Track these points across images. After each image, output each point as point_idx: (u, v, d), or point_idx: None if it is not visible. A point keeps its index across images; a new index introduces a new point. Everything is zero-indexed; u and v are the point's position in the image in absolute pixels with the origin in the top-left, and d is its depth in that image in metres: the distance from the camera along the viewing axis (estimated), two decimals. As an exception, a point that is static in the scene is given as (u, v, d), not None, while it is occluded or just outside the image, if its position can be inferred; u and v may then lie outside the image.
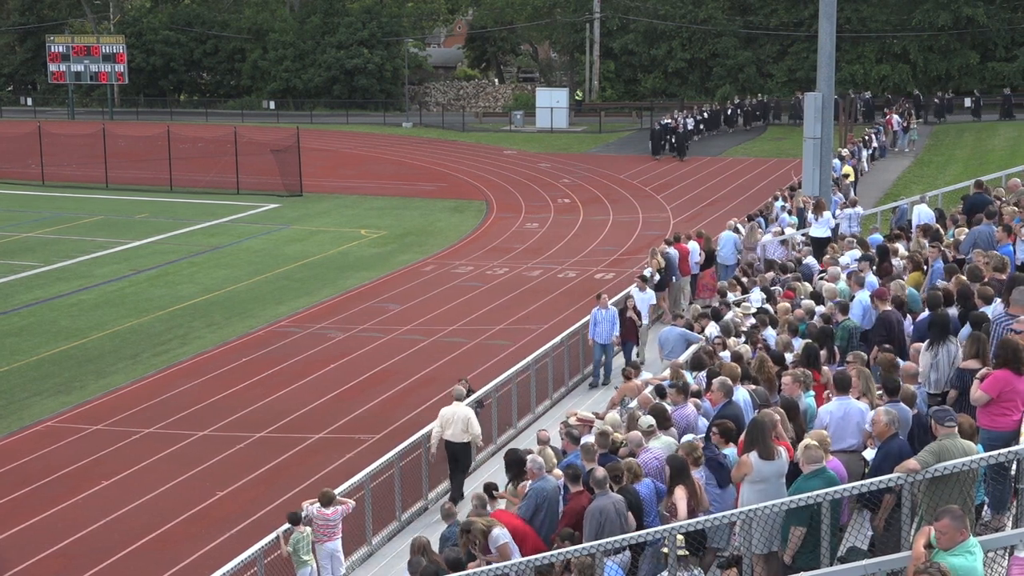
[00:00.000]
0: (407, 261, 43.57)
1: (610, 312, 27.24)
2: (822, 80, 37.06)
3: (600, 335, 27.24)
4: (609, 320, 27.17)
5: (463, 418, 21.17)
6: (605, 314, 27.17)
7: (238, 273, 42.22)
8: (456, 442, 21.12)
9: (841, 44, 69.24)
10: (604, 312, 27.19)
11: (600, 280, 39.43)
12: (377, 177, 64.37)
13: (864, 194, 46.27)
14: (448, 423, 21.09)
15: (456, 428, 21.05)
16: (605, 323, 27.17)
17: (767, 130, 78.18)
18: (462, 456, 21.41)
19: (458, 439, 21.11)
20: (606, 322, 27.17)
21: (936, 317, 15.93)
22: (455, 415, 21.16)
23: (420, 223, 51.03)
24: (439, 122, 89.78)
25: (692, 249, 32.52)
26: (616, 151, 72.34)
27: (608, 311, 27.20)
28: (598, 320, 27.26)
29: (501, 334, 33.43)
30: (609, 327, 27.17)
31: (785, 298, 23.42)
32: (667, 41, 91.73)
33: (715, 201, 53.69)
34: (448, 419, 21.14)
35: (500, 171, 65.44)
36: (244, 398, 28.76)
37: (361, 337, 33.73)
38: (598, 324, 27.24)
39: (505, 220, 51.28)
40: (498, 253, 44.49)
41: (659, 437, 15.49)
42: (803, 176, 38.20)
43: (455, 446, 21.15)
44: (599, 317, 27.25)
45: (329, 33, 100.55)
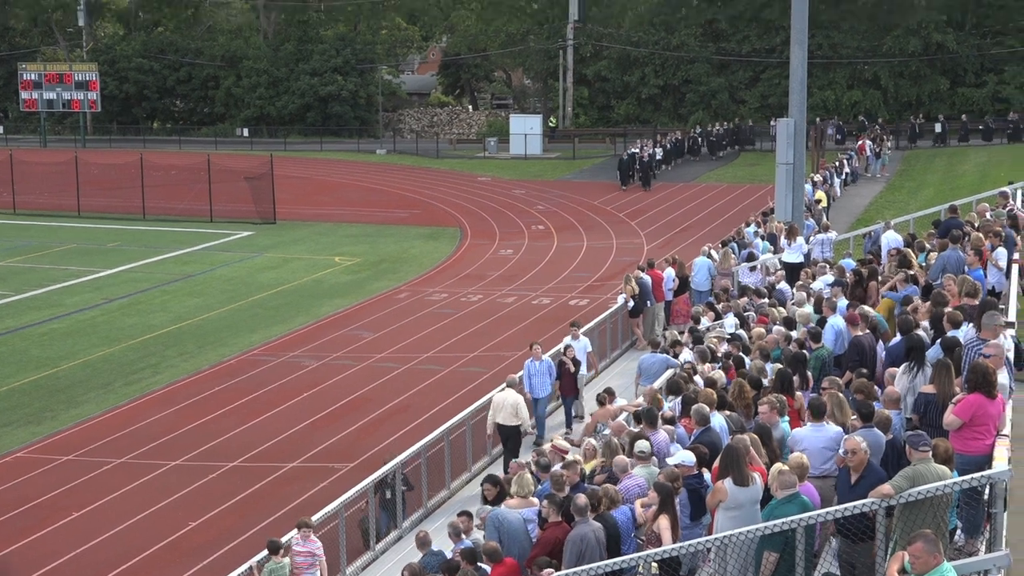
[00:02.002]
0: (381, 288, 43.49)
1: (544, 363, 24.91)
2: (794, 106, 37.28)
3: (535, 389, 24.68)
4: (544, 372, 24.85)
5: (512, 403, 22.80)
6: (539, 366, 24.74)
7: (211, 301, 42.05)
8: (508, 425, 22.81)
9: (813, 70, 69.75)
10: (538, 364, 24.76)
11: (575, 307, 39.44)
12: (351, 204, 64.31)
13: (837, 219, 46.49)
14: (499, 408, 22.82)
15: (506, 412, 22.76)
16: (540, 375, 24.72)
17: (740, 156, 78.55)
18: (512, 440, 22.94)
19: (509, 422, 22.79)
20: (540, 374, 24.74)
21: (913, 342, 15.95)
22: (505, 401, 22.83)
23: (394, 250, 50.97)
24: (413, 149, 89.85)
25: (666, 275, 32.57)
26: (590, 177, 72.50)
27: (543, 362, 24.86)
28: (531, 372, 24.77)
29: (476, 361, 33.37)
30: (544, 380, 24.82)
31: (759, 324, 23.46)
32: (640, 68, 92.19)
33: (689, 227, 53.84)
34: (499, 405, 22.85)
35: (474, 198, 65.49)
36: (217, 427, 28.59)
37: (335, 365, 33.61)
38: (532, 377, 24.72)
39: (479, 247, 51.28)
40: (472, 280, 44.47)
41: (646, 465, 15.46)
42: (776, 202, 38.38)
43: (507, 429, 22.83)
44: (532, 369, 24.76)
45: (303, 60, 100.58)
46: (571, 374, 25.50)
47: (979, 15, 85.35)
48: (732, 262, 33.24)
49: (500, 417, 22.84)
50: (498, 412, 22.89)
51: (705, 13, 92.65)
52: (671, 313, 32.87)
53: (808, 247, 33.77)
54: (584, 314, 36.97)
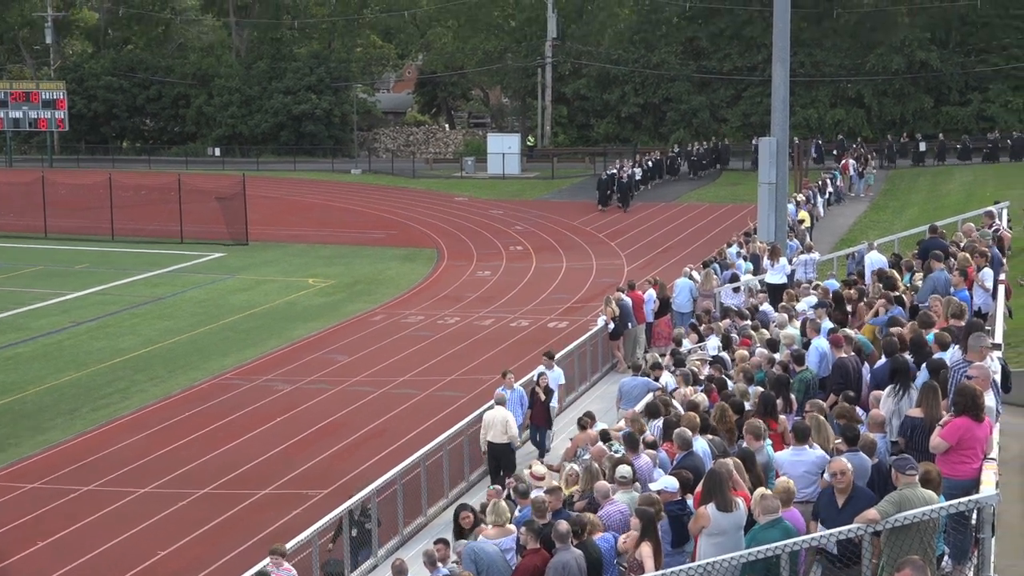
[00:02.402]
0: (356, 311, 43.42)
1: (516, 393, 24.65)
2: (776, 125, 37.44)
3: None
4: (515, 401, 24.59)
5: (502, 420, 23.12)
6: (511, 395, 24.39)
7: (181, 324, 41.90)
8: (497, 443, 23.09)
9: (795, 88, 70.08)
10: (510, 393, 24.37)
11: (554, 329, 39.44)
12: (325, 225, 64.25)
13: (820, 239, 46.66)
14: (490, 426, 23.18)
15: (496, 430, 23.09)
16: (511, 405, 24.29)
17: (721, 175, 78.81)
18: (503, 457, 23.19)
19: (499, 440, 23.08)
20: (512, 404, 24.36)
21: (898, 364, 15.99)
22: (495, 418, 23.18)
23: (369, 272, 50.91)
24: (389, 168, 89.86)
25: (647, 297, 32.61)
26: (569, 197, 72.63)
27: (515, 391, 24.60)
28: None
29: (453, 385, 33.32)
30: (515, 409, 24.44)
31: (742, 346, 23.49)
32: (620, 86, 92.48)
33: (670, 248, 53.95)
34: (489, 422, 23.22)
35: (451, 218, 65.51)
36: (187, 453, 28.45)
37: (309, 389, 33.51)
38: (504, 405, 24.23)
39: (456, 268, 51.27)
40: (449, 302, 44.44)
41: (628, 491, 15.42)
42: (758, 222, 38.51)
43: (497, 447, 23.11)
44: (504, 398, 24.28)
45: (276, 78, 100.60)
46: (543, 404, 25.11)
47: (963, 33, 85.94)
48: (714, 283, 33.31)
49: (491, 435, 23.20)
50: (489, 429, 23.25)
51: (686, 31, 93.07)
52: (652, 335, 32.88)
53: (791, 268, 33.87)
54: (563, 336, 36.98)
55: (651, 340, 32.87)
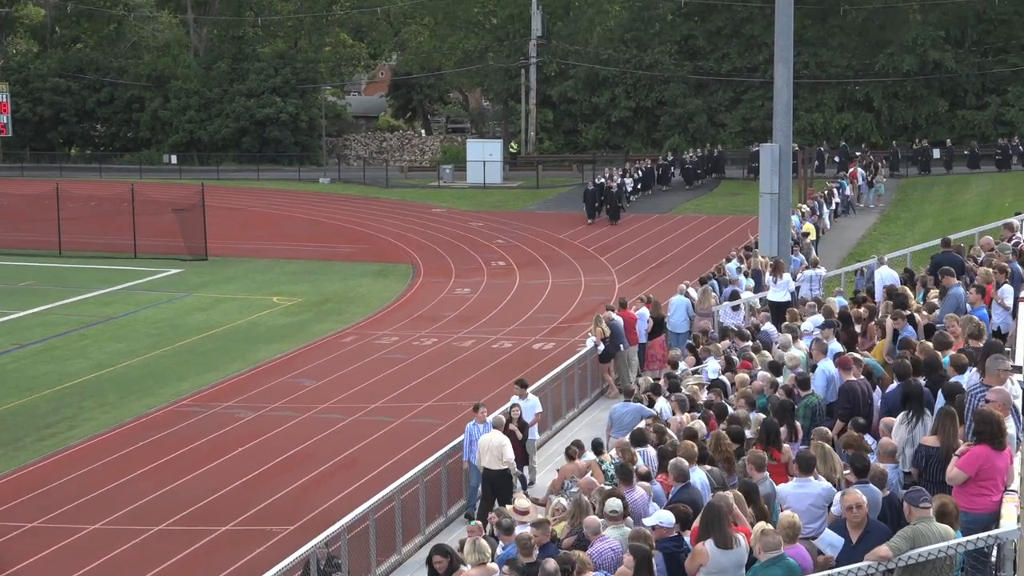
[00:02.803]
0: (325, 331, 43.36)
1: (489, 427, 24.47)
2: (779, 130, 37.54)
3: (477, 456, 24.29)
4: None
5: (497, 445, 23.48)
6: (483, 429, 24.36)
7: (135, 346, 41.78)
8: (493, 469, 23.42)
9: (799, 91, 70.45)
10: (481, 427, 24.42)
11: (539, 350, 39.43)
12: (291, 238, 64.19)
13: (826, 254, 46.78)
14: (484, 451, 23.53)
15: (491, 456, 23.40)
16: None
17: (720, 184, 79.00)
18: (500, 484, 23.49)
19: (494, 466, 23.42)
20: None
21: (911, 389, 16.00)
22: (490, 443, 23.51)
23: (339, 289, 50.87)
24: (360, 177, 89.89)
25: (640, 316, 32.65)
26: (555, 208, 72.70)
27: (487, 425, 24.48)
28: (474, 437, 24.41)
29: (430, 411, 33.27)
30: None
31: (742, 368, 23.53)
32: (610, 88, 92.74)
33: (664, 263, 54.03)
34: (483, 447, 23.58)
35: (428, 231, 65.53)
36: (141, 487, 28.34)
37: (273, 416, 33.43)
38: (474, 442, 24.34)
39: (434, 285, 51.26)
40: (426, 322, 44.42)
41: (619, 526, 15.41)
42: (760, 235, 38.59)
43: (492, 474, 23.44)
44: (475, 434, 24.40)
45: (238, 80, 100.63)
46: (518, 440, 24.97)
47: (980, 31, 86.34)
48: (712, 301, 33.38)
49: (485, 461, 23.44)
50: (483, 455, 23.51)
51: (681, 29, 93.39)
52: (646, 357, 32.92)
53: (795, 284, 33.94)
54: (549, 359, 36.99)
55: (644, 363, 32.90)
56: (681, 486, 15.65)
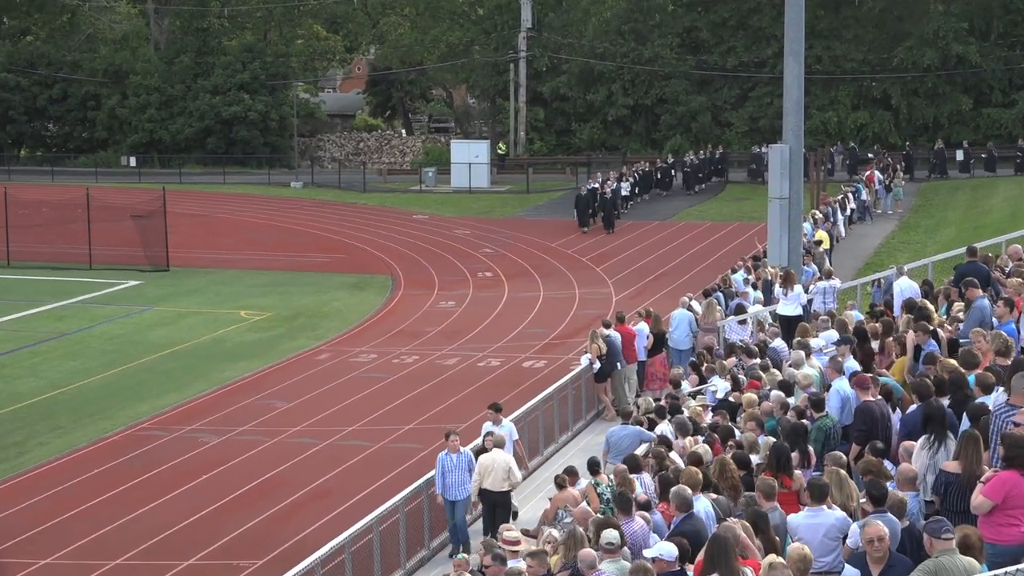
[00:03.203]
0: (297, 348, 43.33)
1: (463, 457, 24.12)
2: (789, 129, 37.61)
3: (449, 489, 23.96)
4: (462, 468, 24.06)
5: (503, 466, 23.74)
6: (456, 460, 24.02)
7: (90, 365, 41.71)
8: (496, 491, 23.72)
9: (811, 87, 70.45)
10: (455, 457, 24.04)
11: (529, 369, 39.44)
12: (260, 247, 64.15)
13: (841, 264, 46.85)
14: (488, 471, 23.67)
15: (496, 477, 23.64)
16: (456, 472, 23.96)
17: (726, 189, 79.07)
18: (502, 505, 23.90)
19: (498, 487, 23.70)
20: (458, 470, 23.98)
21: (932, 410, 16.01)
22: (495, 463, 23.73)
23: (312, 302, 50.84)
24: (335, 181, 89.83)
25: (639, 331, 32.67)
26: (547, 215, 72.73)
27: (461, 455, 24.12)
28: (446, 468, 24.02)
29: (411, 435, 33.25)
30: (463, 477, 24.02)
31: (750, 388, 23.56)
32: (606, 84, 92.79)
33: (665, 274, 54.08)
34: (487, 467, 23.70)
35: (409, 239, 65.53)
36: (97, 517, 28.28)
37: (241, 441, 33.39)
38: (446, 474, 23.99)
39: (415, 298, 51.25)
40: (407, 338, 44.40)
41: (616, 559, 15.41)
42: (769, 243, 38.65)
43: (494, 495, 23.74)
44: (447, 464, 24.02)
45: (202, 76, 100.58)
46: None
47: (1006, 23, 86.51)
48: (717, 315, 33.40)
49: (488, 482, 23.67)
50: (486, 476, 23.69)
51: (683, 20, 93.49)
52: (645, 376, 32.95)
53: (808, 297, 33.99)
54: (541, 378, 37.01)
55: (644, 382, 32.93)
56: (684, 516, 15.66)
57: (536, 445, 28.90)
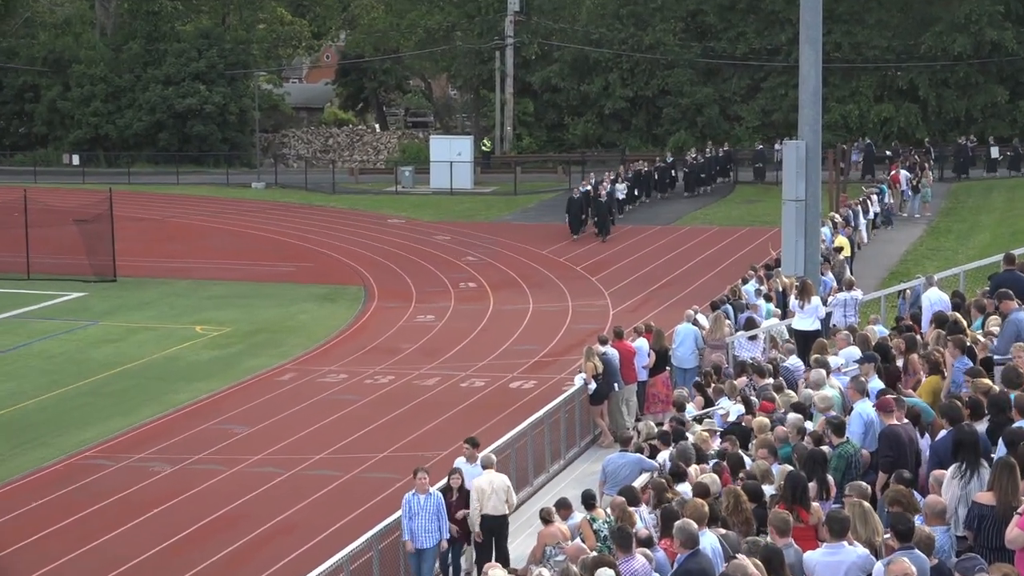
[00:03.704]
0: (258, 367, 43.29)
1: (433, 499, 23.69)
2: (805, 124, 37.57)
3: (416, 535, 23.51)
4: (432, 512, 23.61)
5: (502, 486, 24.23)
6: (425, 502, 23.57)
7: (27, 386, 41.62)
8: (496, 515, 24.11)
9: (830, 77, 70.72)
10: (422, 499, 23.59)
11: (517, 390, 39.44)
12: (218, 255, 64.09)
13: (863, 273, 46.90)
14: (486, 496, 24.04)
15: (496, 499, 24.09)
16: (425, 516, 23.51)
17: (734, 190, 79.12)
18: (499, 530, 24.36)
19: (499, 511, 24.14)
20: (427, 514, 23.54)
21: (963, 435, 16.01)
22: (492, 485, 24.10)
23: (276, 316, 50.81)
24: (301, 181, 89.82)
25: (639, 348, 32.66)
26: (537, 219, 72.77)
27: (430, 497, 23.66)
28: (412, 511, 23.55)
29: (385, 464, 33.22)
30: (431, 523, 23.59)
31: (762, 411, 23.57)
32: (602, 74, 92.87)
33: (668, 284, 54.12)
34: (486, 492, 24.06)
35: (383, 246, 65.53)
36: (37, 555, 28.23)
37: (196, 471, 33.33)
38: (413, 518, 23.50)
39: (390, 311, 51.24)
40: (381, 355, 44.39)
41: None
42: (783, 250, 38.65)
43: (492, 520, 24.10)
44: (415, 506, 23.54)
45: (153, 64, 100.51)
46: (456, 519, 24.38)
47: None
48: (726, 330, 33.43)
49: (489, 507, 24.01)
50: (486, 501, 24.02)
51: (687, 3, 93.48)
52: (646, 398, 32.94)
53: (826, 310, 34.02)
54: (530, 400, 37.02)
55: (644, 405, 32.92)
56: (689, 553, 15.65)
57: (525, 475, 28.88)
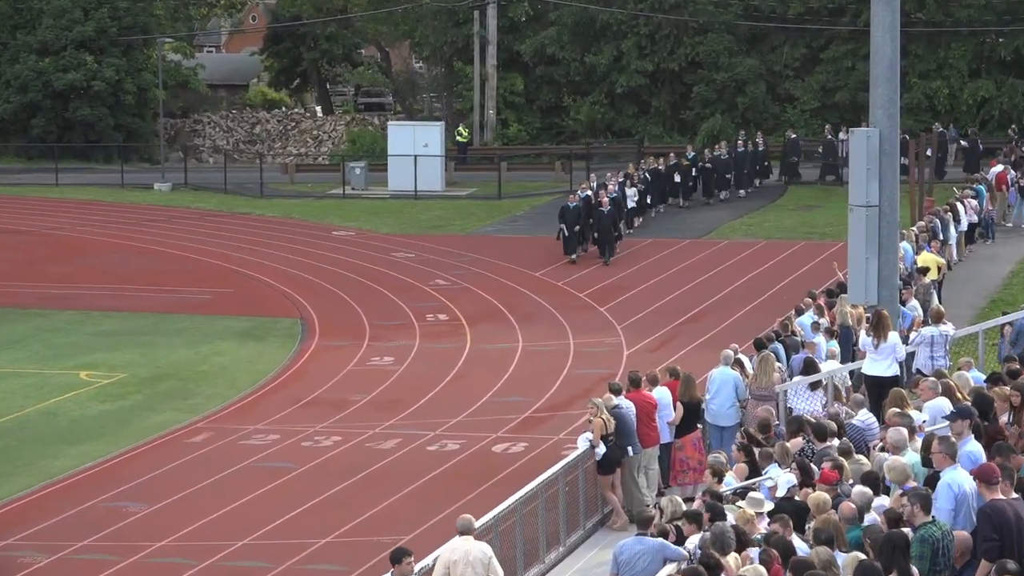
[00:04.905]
0: (162, 425, 43.25)
1: None
2: (879, 106, 37.60)
3: None
4: None
5: (481, 559, 23.60)
6: None
7: None
8: None
9: (911, 46, 70.80)
10: None
11: (503, 455, 39.42)
12: (110, 279, 64.10)
13: (955, 301, 46.92)
14: (457, 571, 23.53)
15: (476, 572, 23.46)
16: None
17: (787, 192, 79.11)
18: None
19: None
20: None
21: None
22: (468, 556, 23.59)
23: (185, 359, 50.78)
24: (219, 182, 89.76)
25: (661, 400, 32.65)
26: (528, 230, 72.87)
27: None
28: None
29: (329, 553, 33.25)
30: None
31: (823, 481, 23.58)
32: (613, 41, 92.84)
33: (699, 315, 54.16)
34: (457, 565, 23.53)
35: (327, 266, 65.55)
36: None
37: (81, 562, 33.32)
38: None
39: (336, 352, 51.22)
40: (323, 410, 44.36)
41: None
42: (850, 272, 38.67)
43: None
44: None
45: (24, 29, 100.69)
46: None
47: None
48: (776, 376, 33.42)
49: None
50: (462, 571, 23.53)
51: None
52: (672, 465, 32.94)
53: (907, 350, 34.02)
54: (518, 468, 37.02)
55: (670, 474, 32.91)
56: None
57: (513, 566, 28.81)
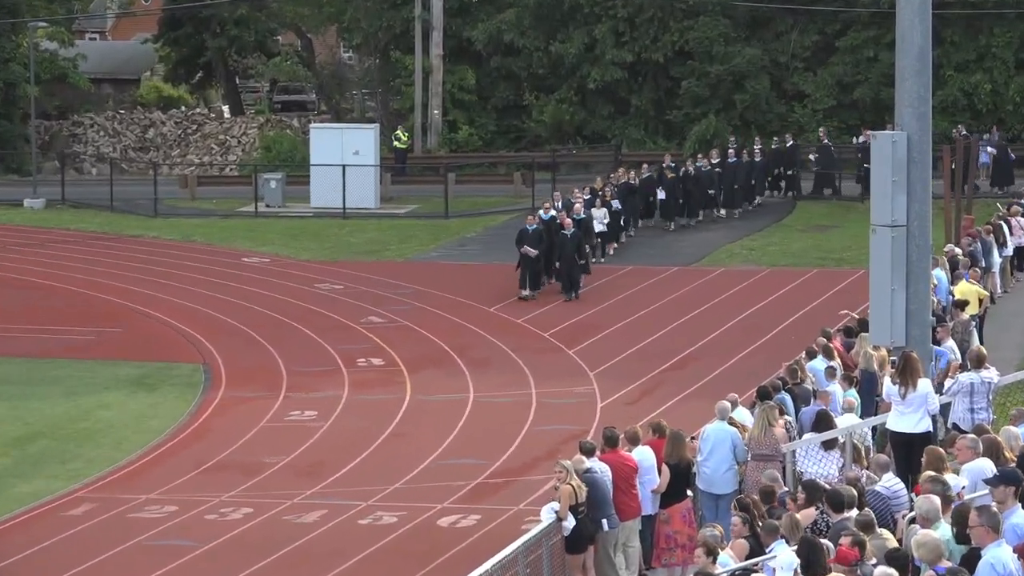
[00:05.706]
0: (35, 495, 43.23)
1: None
2: (906, 105, 37.75)
3: None
4: None
5: None
6: None
7: None
8: None
9: (945, 32, 71.12)
10: None
11: (450, 530, 39.43)
12: (-30, 316, 64.16)
13: (999, 342, 47.07)
14: None
15: None
16: None
17: (795, 209, 79.35)
18: None
19: None
20: None
21: None
22: None
23: (64, 413, 50.74)
24: (105, 197, 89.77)
25: (642, 462, 32.68)
26: (481, 256, 73.08)
27: None
28: None
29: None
30: None
31: (839, 562, 23.63)
32: (585, 26, 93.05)
33: (688, 359, 54.28)
34: None
35: (236, 300, 65.62)
36: None
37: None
38: None
39: (246, 404, 51.24)
40: (231, 476, 44.36)
41: None
42: (872, 306, 38.76)
43: None
44: None
45: None
46: None
47: None
48: (782, 433, 33.47)
49: None
50: None
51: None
52: (656, 541, 32.97)
53: (942, 400, 34.07)
54: (469, 547, 36.99)
55: (653, 552, 32.94)
56: None
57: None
